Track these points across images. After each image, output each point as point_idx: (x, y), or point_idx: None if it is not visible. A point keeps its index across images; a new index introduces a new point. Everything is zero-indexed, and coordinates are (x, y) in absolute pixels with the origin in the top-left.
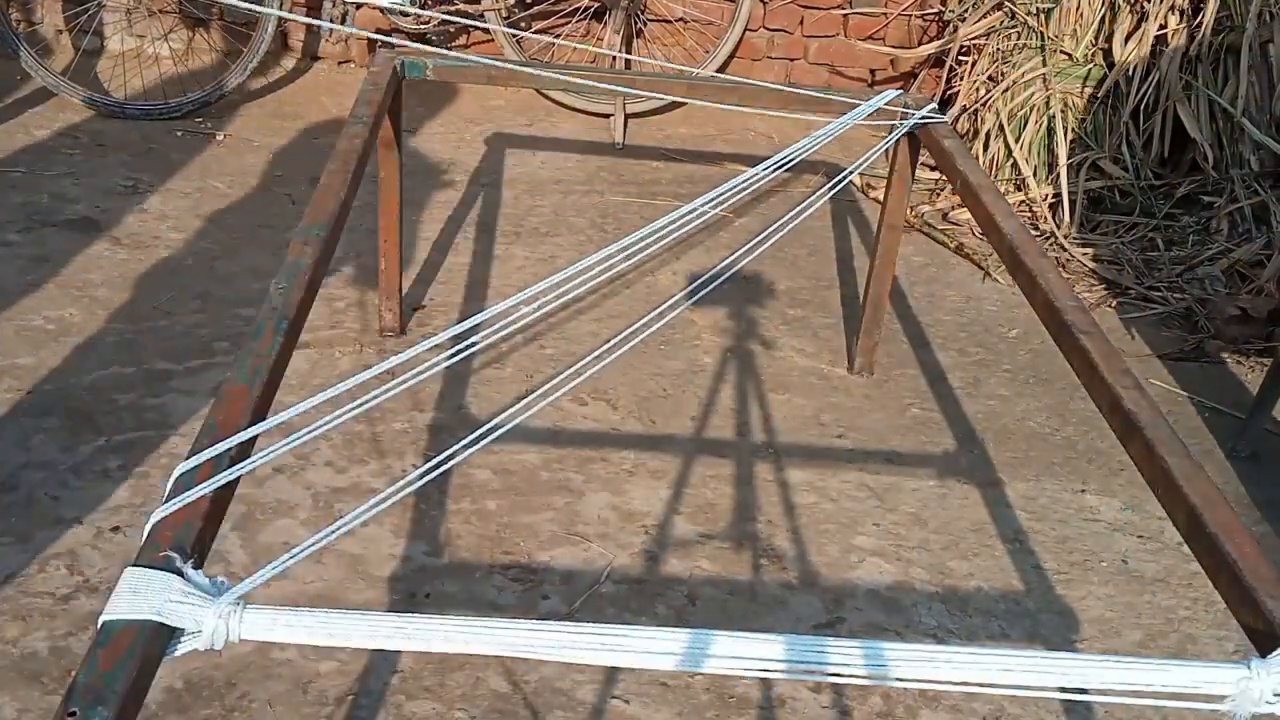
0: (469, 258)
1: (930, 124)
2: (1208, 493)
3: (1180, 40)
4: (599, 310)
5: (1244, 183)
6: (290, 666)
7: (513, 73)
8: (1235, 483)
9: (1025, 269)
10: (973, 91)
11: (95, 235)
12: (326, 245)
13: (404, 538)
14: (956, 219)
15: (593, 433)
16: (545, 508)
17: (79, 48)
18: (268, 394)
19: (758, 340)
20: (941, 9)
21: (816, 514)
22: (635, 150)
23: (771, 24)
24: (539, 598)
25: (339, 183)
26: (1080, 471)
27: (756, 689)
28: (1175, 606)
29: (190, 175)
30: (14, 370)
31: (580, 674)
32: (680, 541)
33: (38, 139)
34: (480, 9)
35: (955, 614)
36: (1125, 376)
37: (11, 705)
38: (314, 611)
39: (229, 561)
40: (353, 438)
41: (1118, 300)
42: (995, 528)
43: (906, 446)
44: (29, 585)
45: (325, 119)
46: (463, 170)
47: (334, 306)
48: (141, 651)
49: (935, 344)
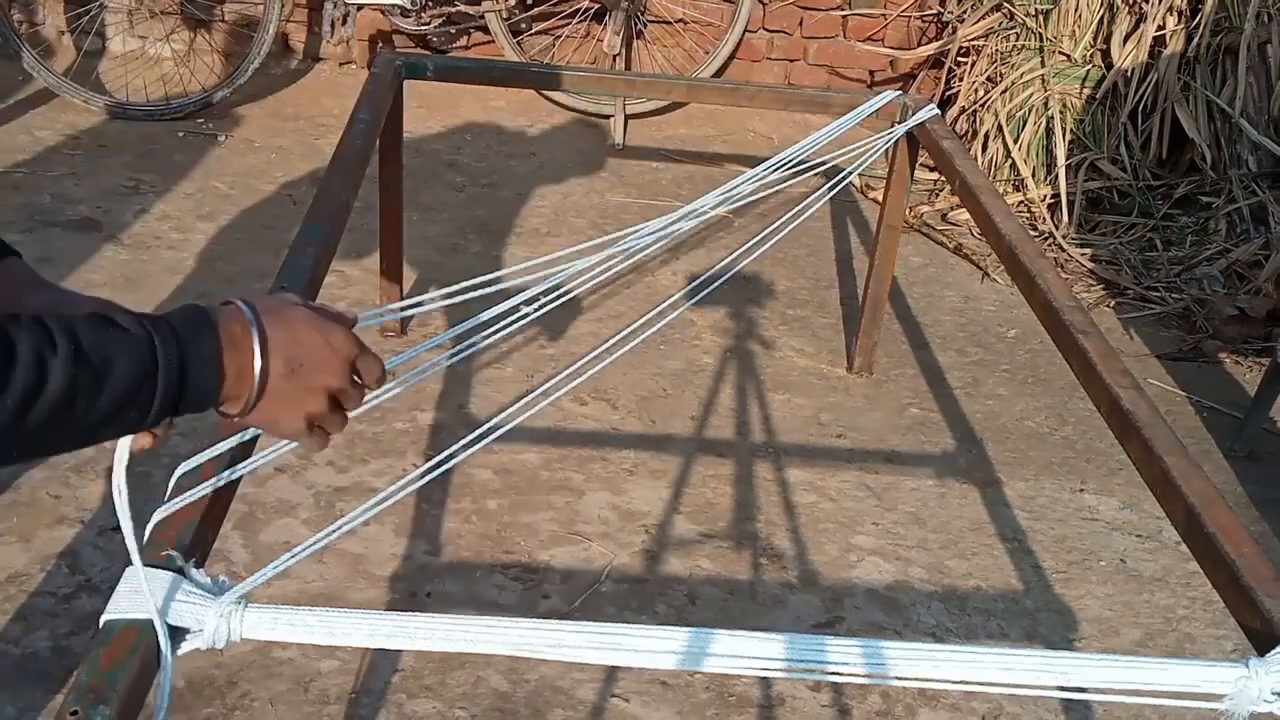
0: (469, 258)
1: (929, 125)
2: (1206, 492)
3: (1178, 41)
4: (599, 310)
5: (1242, 183)
6: (291, 665)
7: (513, 73)
8: (1233, 482)
9: (1024, 269)
10: (971, 92)
11: (97, 235)
12: (326, 245)
13: (405, 537)
14: (955, 219)
15: (593, 432)
16: (545, 507)
17: (81, 49)
18: None
19: (757, 340)
20: (940, 10)
21: (816, 513)
22: (635, 151)
23: (771, 25)
24: (539, 597)
25: (339, 183)
26: (1079, 471)
27: (756, 688)
28: (1173, 606)
29: (192, 176)
30: None
31: (580, 673)
32: (680, 541)
33: (40, 140)
34: (480, 10)
35: (954, 613)
36: (1124, 376)
37: (14, 705)
38: (315, 610)
39: (230, 561)
40: (354, 437)
41: (1116, 300)
42: (994, 527)
43: (905, 446)
44: (31, 585)
45: (326, 120)
46: (463, 170)
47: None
48: (143, 651)
49: (934, 344)
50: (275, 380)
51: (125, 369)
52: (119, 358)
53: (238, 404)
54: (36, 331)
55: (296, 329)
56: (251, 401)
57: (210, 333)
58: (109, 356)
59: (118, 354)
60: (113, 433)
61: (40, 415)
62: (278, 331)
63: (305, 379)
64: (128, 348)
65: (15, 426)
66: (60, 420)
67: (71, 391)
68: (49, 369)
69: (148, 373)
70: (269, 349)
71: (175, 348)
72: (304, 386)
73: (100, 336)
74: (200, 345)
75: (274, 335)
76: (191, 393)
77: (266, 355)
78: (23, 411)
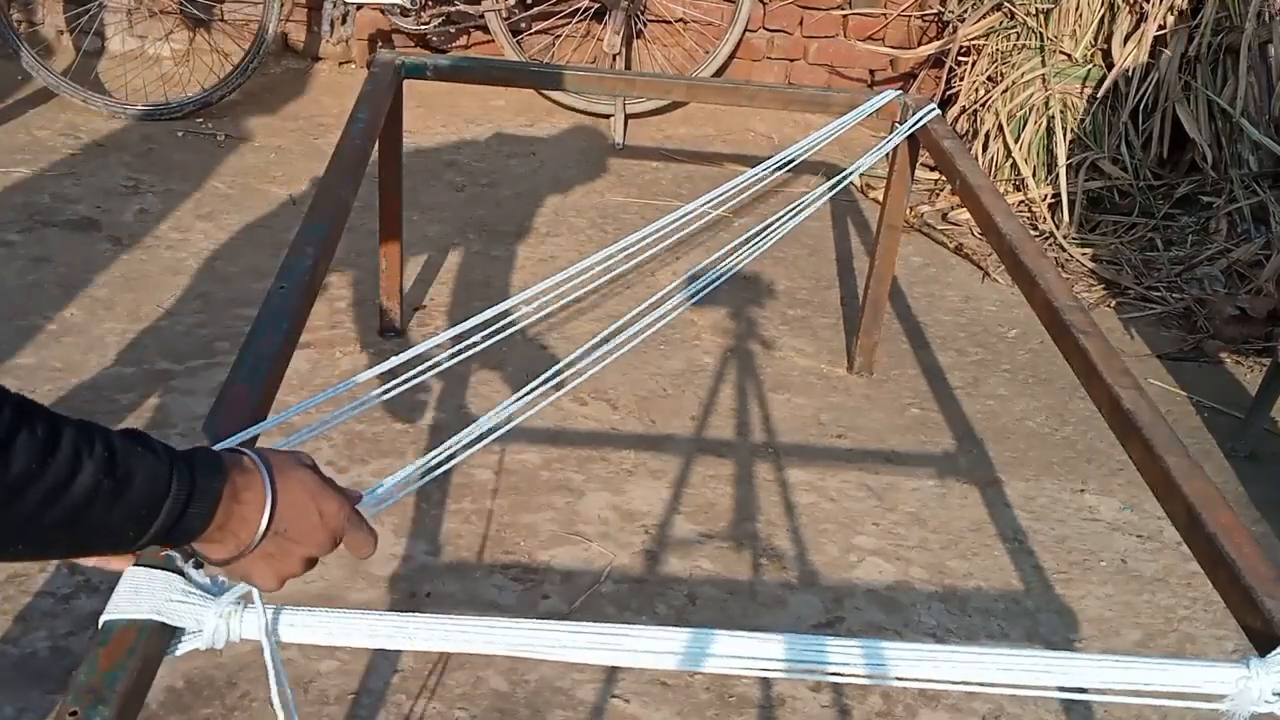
0: (469, 258)
1: (930, 124)
2: (1207, 492)
3: (1179, 41)
4: (599, 310)
5: (1243, 183)
6: (291, 666)
7: (513, 73)
8: (1234, 482)
9: (1024, 269)
10: (972, 92)
11: (96, 235)
12: (326, 245)
13: (405, 537)
14: (956, 219)
15: (593, 432)
16: (545, 507)
17: (80, 48)
18: (268, 394)
19: (757, 340)
20: (941, 10)
21: (816, 514)
22: (635, 150)
23: (771, 24)
24: (539, 597)
25: (339, 183)
26: (1079, 471)
27: (756, 688)
28: (1174, 606)
29: (191, 175)
30: (15, 370)
31: (580, 673)
32: (680, 541)
33: (39, 139)
34: (480, 9)
35: (954, 613)
36: (1124, 376)
37: (12, 705)
38: (315, 611)
39: None
40: (353, 437)
41: (1117, 300)
42: (994, 527)
43: (906, 446)
44: (30, 585)
45: (326, 119)
46: (463, 170)
47: (334, 306)
48: (142, 651)
49: (934, 344)
50: (261, 540)
51: (142, 490)
52: (141, 477)
53: (221, 551)
54: (80, 429)
55: (295, 493)
56: (237, 555)
57: (219, 480)
58: (133, 472)
59: (140, 473)
60: (107, 546)
61: (59, 511)
62: (279, 494)
63: (289, 544)
64: (150, 471)
65: (32, 516)
66: (73, 520)
67: (92, 495)
68: (82, 467)
69: (159, 499)
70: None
71: (188, 485)
72: (285, 550)
73: (130, 452)
74: (207, 486)
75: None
76: (182, 529)
77: (273, 518)
78: (48, 502)
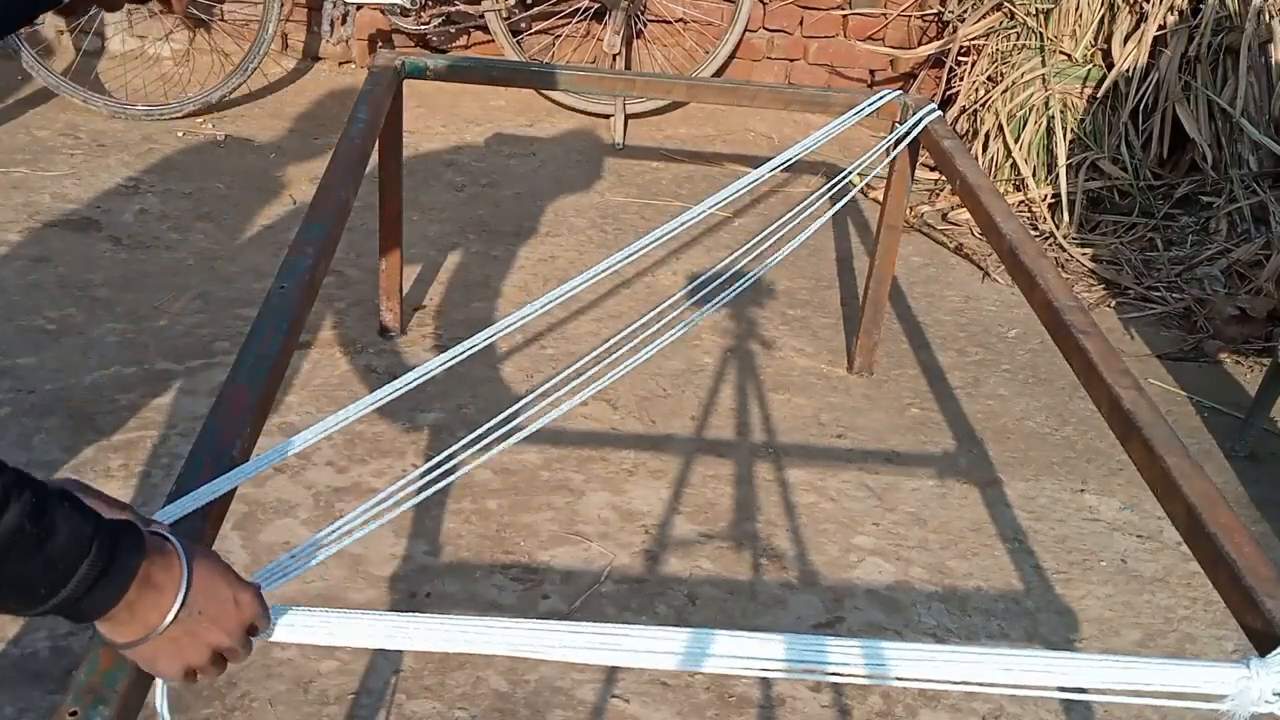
0: (469, 258)
1: (930, 124)
2: (1207, 492)
3: (1179, 41)
4: (599, 310)
5: (1243, 183)
6: (291, 666)
7: (513, 73)
8: (1234, 482)
9: (1024, 269)
10: (972, 92)
11: (96, 235)
12: (326, 245)
13: (404, 537)
14: (956, 219)
15: (593, 432)
16: (545, 507)
17: (80, 48)
18: (268, 394)
19: (757, 340)
20: (941, 10)
21: (816, 514)
22: (635, 150)
23: (771, 25)
24: (539, 597)
25: (339, 183)
26: (1079, 471)
27: (756, 688)
28: (1174, 606)
29: (191, 175)
30: (15, 370)
31: (580, 673)
32: (680, 541)
33: (39, 139)
34: (480, 9)
35: (955, 613)
36: (1124, 376)
37: (12, 705)
38: (314, 611)
39: (230, 561)
40: (354, 437)
41: (1117, 300)
42: (994, 527)
43: (906, 446)
44: None
45: (326, 119)
46: (463, 170)
47: (334, 306)
48: None
49: (935, 344)
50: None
51: (62, 546)
52: (65, 533)
53: (127, 633)
54: (17, 475)
55: (212, 579)
56: (144, 638)
57: (138, 556)
58: (57, 526)
59: (65, 529)
60: (13, 599)
61: None
62: (194, 577)
63: (200, 629)
64: (75, 528)
65: None
66: None
67: (14, 538)
68: (8, 509)
69: (77, 558)
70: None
71: (108, 552)
72: (195, 635)
73: (58, 507)
74: (126, 561)
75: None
76: (92, 599)
77: (186, 600)
78: None
